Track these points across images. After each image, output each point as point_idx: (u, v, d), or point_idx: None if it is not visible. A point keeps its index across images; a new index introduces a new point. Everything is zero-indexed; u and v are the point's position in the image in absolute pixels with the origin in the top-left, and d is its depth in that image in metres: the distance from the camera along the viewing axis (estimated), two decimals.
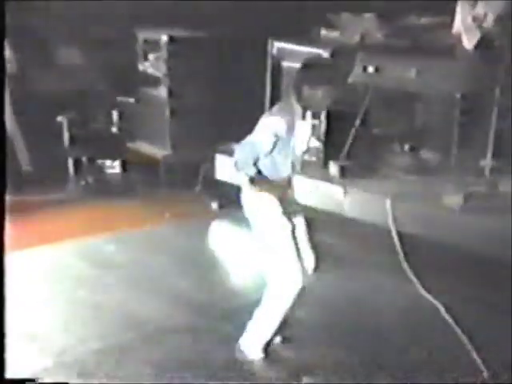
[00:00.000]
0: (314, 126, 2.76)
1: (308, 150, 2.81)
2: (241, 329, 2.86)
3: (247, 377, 2.73)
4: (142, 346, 3.01)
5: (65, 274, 3.78)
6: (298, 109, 2.67)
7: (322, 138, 4.36)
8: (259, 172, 2.63)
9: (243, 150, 2.57)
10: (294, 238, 2.70)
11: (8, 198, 2.33)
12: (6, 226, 2.19)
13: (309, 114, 2.70)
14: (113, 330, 3.16)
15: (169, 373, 2.77)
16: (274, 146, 2.57)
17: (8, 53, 4.89)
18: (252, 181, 2.68)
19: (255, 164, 2.60)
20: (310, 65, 2.69)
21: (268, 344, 2.79)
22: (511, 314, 3.09)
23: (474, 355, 2.87)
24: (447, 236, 3.51)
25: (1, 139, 2.12)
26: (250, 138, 2.59)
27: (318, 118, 2.71)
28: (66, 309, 3.38)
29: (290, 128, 2.60)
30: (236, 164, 2.58)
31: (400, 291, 3.55)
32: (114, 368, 2.82)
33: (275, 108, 2.71)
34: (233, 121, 2.95)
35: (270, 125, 2.58)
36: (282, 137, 2.56)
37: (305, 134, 2.69)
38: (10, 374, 2.19)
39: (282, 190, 2.70)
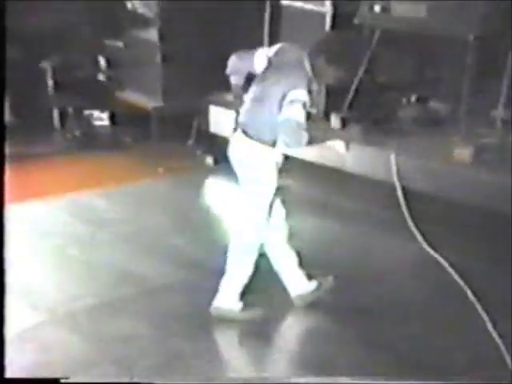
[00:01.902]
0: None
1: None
2: None
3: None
4: (135, 303, 3.09)
5: (54, 231, 3.83)
6: (311, 75, 2.80)
7: (323, 87, 4.32)
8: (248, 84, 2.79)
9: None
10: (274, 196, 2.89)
11: None
12: None
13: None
14: (105, 287, 3.23)
15: (161, 327, 2.86)
16: (265, 70, 2.80)
17: None
18: (246, 133, 2.83)
19: (248, 78, 2.79)
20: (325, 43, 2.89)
21: (242, 294, 2.95)
22: None
23: (480, 310, 2.94)
24: (456, 192, 3.52)
25: (1, 132, 2.22)
26: (290, 117, 2.72)
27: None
28: (57, 265, 3.45)
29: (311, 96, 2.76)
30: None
31: (405, 249, 3.60)
32: (107, 323, 2.90)
33: (293, 70, 2.81)
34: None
35: (300, 98, 2.74)
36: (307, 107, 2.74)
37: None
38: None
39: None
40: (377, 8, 4.09)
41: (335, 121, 4.21)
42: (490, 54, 3.84)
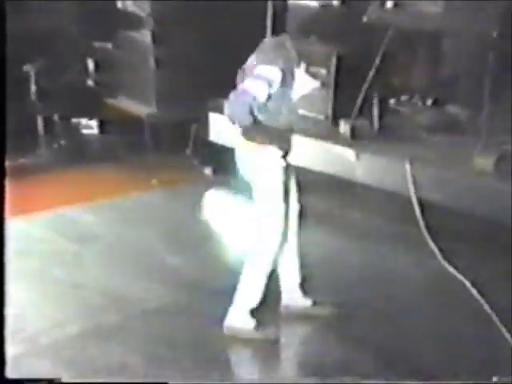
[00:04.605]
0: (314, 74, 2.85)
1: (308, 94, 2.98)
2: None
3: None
4: (125, 330, 3.04)
5: (38, 250, 3.80)
6: (294, 52, 2.84)
7: (331, 91, 4.31)
8: (254, 121, 2.77)
9: (236, 101, 2.74)
10: (287, 200, 2.93)
11: None
12: None
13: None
14: (92, 312, 3.19)
15: (157, 360, 2.79)
16: (268, 97, 2.77)
17: None
18: (247, 134, 2.83)
19: (252, 114, 2.76)
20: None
21: (254, 312, 2.97)
22: None
23: (504, 332, 2.91)
24: (477, 205, 3.49)
25: (1, 138, 2.24)
26: (243, 87, 2.74)
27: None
28: (40, 288, 3.41)
29: (286, 76, 2.78)
30: (230, 117, 2.77)
31: (422, 267, 3.56)
32: (94, 355, 2.84)
33: (270, 51, 2.84)
34: (229, 72, 2.91)
35: (263, 74, 2.75)
36: (276, 86, 2.76)
37: (300, 81, 2.87)
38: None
39: (283, 140, 2.87)
40: (389, 3, 4.08)
41: (344, 128, 4.20)
42: None
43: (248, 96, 2.70)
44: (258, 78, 2.74)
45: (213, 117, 4.73)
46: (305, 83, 2.95)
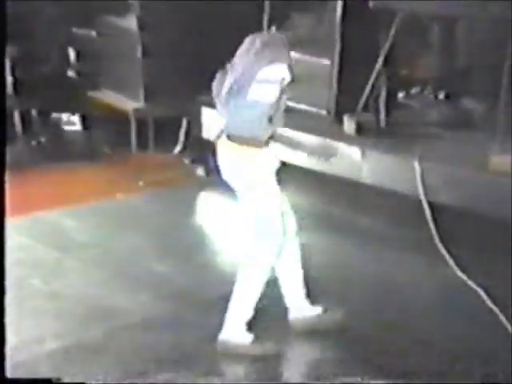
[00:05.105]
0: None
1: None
2: None
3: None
4: (110, 345, 3.00)
5: (13, 257, 3.75)
6: (287, 46, 2.83)
7: (334, 83, 4.31)
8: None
9: (251, 115, 2.74)
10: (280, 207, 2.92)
11: None
12: None
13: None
14: (74, 326, 3.16)
15: (144, 376, 2.76)
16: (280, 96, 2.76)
17: None
18: (228, 137, 2.84)
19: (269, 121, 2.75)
20: None
21: (251, 326, 2.96)
22: None
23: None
24: (493, 207, 3.48)
25: (1, 132, 2.30)
26: (253, 98, 2.73)
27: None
28: (17, 300, 3.37)
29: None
30: (249, 134, 2.78)
31: (433, 275, 3.55)
32: (76, 373, 2.80)
33: (271, 49, 2.80)
34: (222, 62, 2.91)
35: (272, 76, 2.74)
36: (286, 83, 2.75)
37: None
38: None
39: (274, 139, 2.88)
40: None
41: (349, 124, 4.19)
42: None
43: (262, 106, 2.71)
44: (267, 82, 2.72)
45: (205, 112, 4.71)
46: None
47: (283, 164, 2.97)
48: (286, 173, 3.06)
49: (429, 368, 2.84)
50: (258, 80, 2.73)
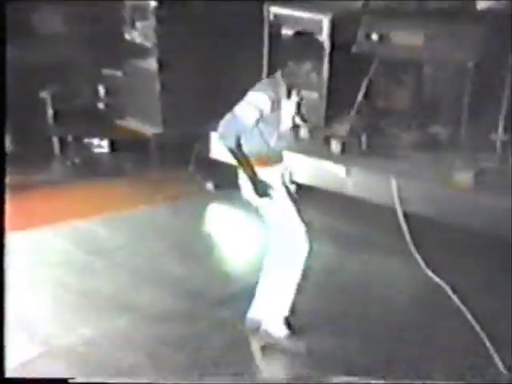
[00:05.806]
0: (299, 104, 2.90)
1: (294, 127, 2.99)
2: (239, 316, 2.93)
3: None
4: (135, 334, 3.05)
5: (54, 260, 3.80)
6: (284, 85, 2.83)
7: (323, 112, 4.35)
8: (238, 146, 2.76)
9: (226, 124, 2.75)
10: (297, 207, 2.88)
11: None
12: None
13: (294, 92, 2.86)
14: (104, 317, 3.20)
15: (162, 360, 2.81)
16: (257, 122, 2.76)
17: None
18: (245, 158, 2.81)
19: (238, 139, 2.75)
20: (295, 40, 2.96)
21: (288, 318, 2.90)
22: None
23: (482, 336, 2.92)
24: (457, 216, 3.54)
25: (1, 138, 2.21)
26: (233, 112, 2.77)
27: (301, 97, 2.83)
28: (54, 295, 3.41)
29: (275, 105, 2.78)
30: (219, 137, 2.77)
31: (407, 276, 3.60)
32: (105, 357, 2.85)
33: (261, 83, 2.89)
34: (229, 95, 2.94)
35: (254, 101, 2.75)
36: (266, 113, 2.75)
37: (289, 112, 2.86)
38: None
39: (276, 161, 2.88)
40: (374, 36, 4.15)
41: (335, 146, 4.23)
42: (488, 79, 3.87)
43: (237, 121, 2.71)
44: (248, 104, 2.74)
45: (214, 136, 4.75)
46: (291, 118, 2.88)
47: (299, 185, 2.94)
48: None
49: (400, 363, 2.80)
50: (245, 100, 2.76)
